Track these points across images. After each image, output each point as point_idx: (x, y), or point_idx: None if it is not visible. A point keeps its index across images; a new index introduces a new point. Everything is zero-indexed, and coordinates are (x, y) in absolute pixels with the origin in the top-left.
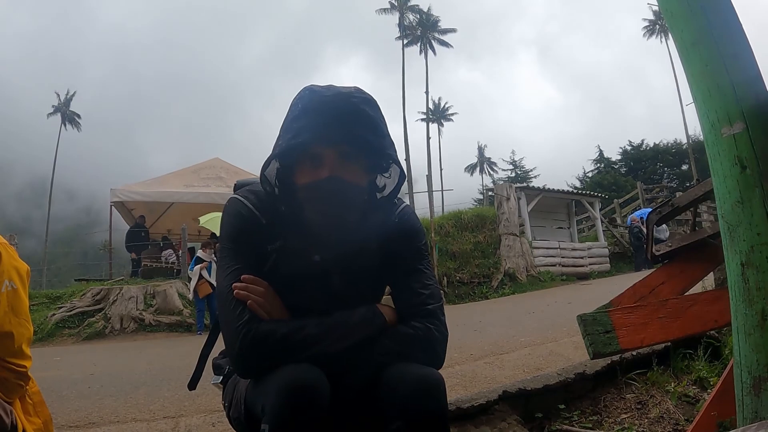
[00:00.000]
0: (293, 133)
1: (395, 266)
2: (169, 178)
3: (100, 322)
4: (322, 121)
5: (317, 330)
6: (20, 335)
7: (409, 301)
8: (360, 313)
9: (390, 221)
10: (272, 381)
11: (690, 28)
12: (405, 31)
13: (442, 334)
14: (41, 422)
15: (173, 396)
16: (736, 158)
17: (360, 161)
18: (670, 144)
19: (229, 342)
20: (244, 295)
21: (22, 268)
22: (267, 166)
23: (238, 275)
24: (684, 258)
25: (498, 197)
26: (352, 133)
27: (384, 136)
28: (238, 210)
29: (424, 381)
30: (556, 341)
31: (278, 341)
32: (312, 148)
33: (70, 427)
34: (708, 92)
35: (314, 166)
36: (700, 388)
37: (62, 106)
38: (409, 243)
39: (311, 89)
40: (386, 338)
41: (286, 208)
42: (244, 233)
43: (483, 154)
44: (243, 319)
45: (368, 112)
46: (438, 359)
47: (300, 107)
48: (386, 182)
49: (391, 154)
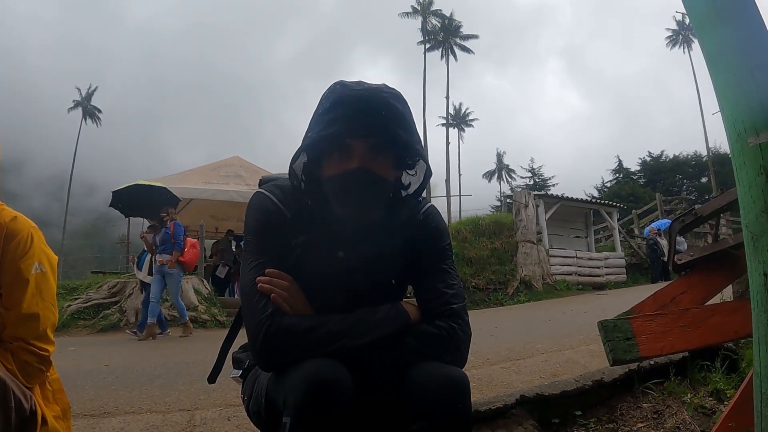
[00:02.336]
0: (324, 125)
1: (419, 265)
2: (188, 174)
3: (115, 314)
4: (353, 113)
5: (340, 326)
6: (46, 318)
7: (434, 301)
8: (383, 311)
9: (415, 220)
10: (295, 375)
11: (718, 37)
12: (427, 35)
13: (466, 334)
14: (60, 409)
15: (188, 389)
16: (762, 168)
17: (388, 155)
18: (690, 156)
19: (252, 335)
20: (268, 288)
21: (52, 255)
22: (296, 159)
23: (262, 269)
24: (705, 268)
25: (516, 204)
26: (382, 126)
27: (412, 132)
28: (264, 204)
29: (450, 381)
30: (572, 349)
31: (301, 336)
32: (342, 140)
33: (85, 415)
34: (735, 102)
35: (343, 157)
36: (717, 400)
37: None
38: (433, 242)
39: (342, 84)
40: (410, 337)
41: (312, 203)
42: (268, 227)
43: (502, 161)
44: (266, 313)
45: (398, 106)
46: (462, 359)
47: (331, 100)
48: (411, 180)
49: (419, 150)
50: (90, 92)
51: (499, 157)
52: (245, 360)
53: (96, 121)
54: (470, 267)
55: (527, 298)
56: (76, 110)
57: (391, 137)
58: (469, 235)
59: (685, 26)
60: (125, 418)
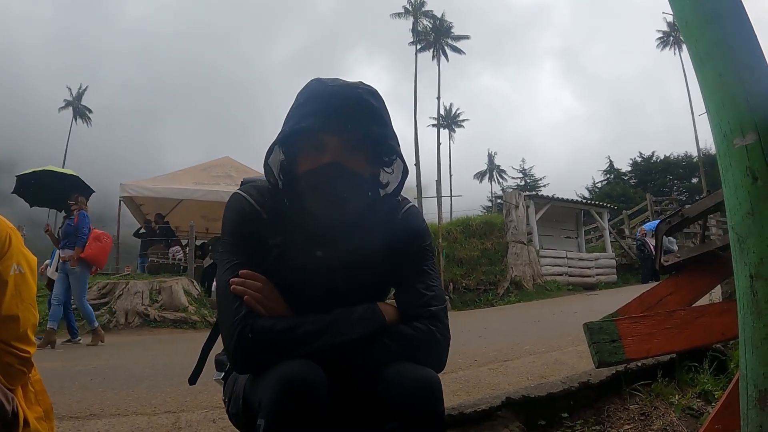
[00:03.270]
0: (297, 119)
1: (399, 266)
2: (179, 175)
3: (105, 315)
4: (327, 108)
5: (314, 327)
6: (26, 320)
7: (412, 302)
8: (359, 312)
9: (394, 219)
10: (269, 376)
11: (704, 37)
12: (418, 36)
13: (445, 337)
14: (42, 411)
15: (175, 391)
16: (748, 169)
17: (362, 150)
18: (681, 157)
19: (226, 337)
20: (241, 290)
21: (30, 257)
22: (270, 155)
23: (236, 270)
24: (692, 269)
25: (507, 205)
26: (355, 121)
27: (386, 127)
28: (239, 205)
29: (421, 382)
30: (560, 350)
31: (274, 338)
32: (315, 135)
33: (70, 417)
34: (721, 102)
35: (317, 152)
36: (705, 402)
37: (74, 101)
38: (413, 243)
39: (318, 80)
40: (387, 338)
41: (289, 201)
42: (244, 228)
43: (493, 161)
44: (239, 315)
45: (372, 102)
46: (439, 362)
47: (306, 95)
48: (389, 179)
49: (394, 147)
50: (80, 92)
51: (490, 158)
52: (227, 362)
53: (86, 121)
54: (461, 267)
55: (517, 298)
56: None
57: (364, 132)
58: (459, 236)
59: (676, 27)
60: (111, 420)
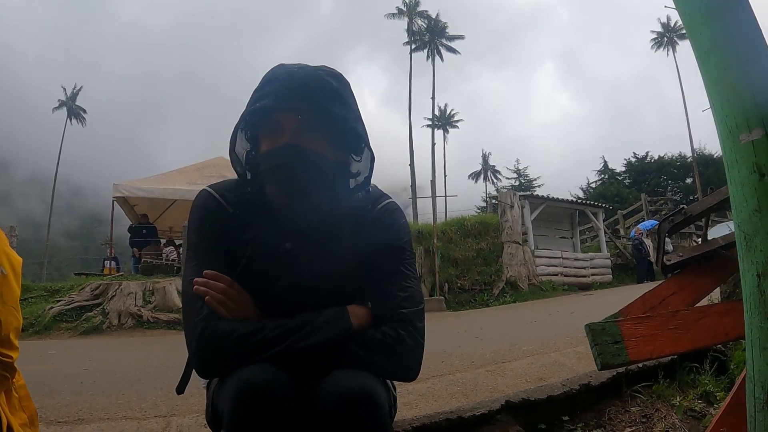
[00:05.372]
0: (254, 100)
1: (372, 264)
2: (172, 175)
3: (98, 317)
4: (284, 87)
5: (277, 332)
6: (8, 323)
7: (383, 304)
8: (325, 315)
9: (369, 213)
10: (229, 383)
11: (709, 31)
12: (413, 36)
13: (416, 342)
14: (27, 417)
15: (166, 395)
16: (755, 165)
17: (323, 132)
18: (675, 157)
19: (187, 339)
20: (203, 291)
21: (15, 258)
22: (234, 143)
23: (200, 270)
24: (695, 269)
25: (501, 205)
26: (312, 99)
27: (348, 109)
28: (205, 202)
29: (351, 394)
30: (558, 351)
31: (235, 342)
32: (272, 114)
33: (58, 422)
34: (726, 97)
35: (274, 134)
36: (706, 403)
37: (68, 101)
38: (388, 240)
39: (281, 64)
40: (353, 343)
41: (256, 192)
42: (209, 226)
43: (487, 161)
44: (200, 316)
45: (332, 82)
46: (408, 370)
47: (266, 78)
48: (359, 168)
49: (358, 130)
50: (75, 92)
51: (484, 158)
52: None
53: (81, 121)
54: (455, 268)
55: (513, 298)
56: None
57: (322, 111)
58: (454, 236)
59: (670, 28)
60: (99, 424)
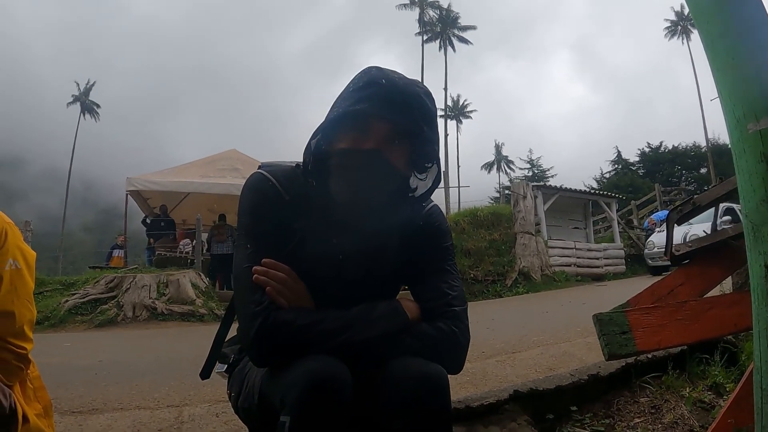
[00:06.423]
0: (353, 101)
1: (418, 263)
2: (185, 168)
3: (112, 309)
4: (386, 95)
5: (337, 324)
6: (21, 315)
7: (435, 300)
8: (382, 308)
9: (417, 215)
10: (294, 372)
11: (716, 19)
12: (425, 27)
13: (466, 339)
14: (41, 407)
15: (179, 385)
16: (762, 155)
17: (406, 148)
18: (689, 147)
19: (244, 328)
20: (264, 281)
21: (28, 252)
22: (316, 136)
23: (257, 257)
24: (704, 259)
25: (514, 195)
26: (411, 116)
27: (435, 131)
28: (261, 184)
29: (429, 377)
30: (569, 341)
31: (296, 332)
32: (367, 118)
33: (73, 412)
34: (734, 86)
35: (361, 135)
36: (716, 394)
37: (81, 96)
38: (436, 241)
39: (378, 68)
40: (409, 336)
41: (314, 182)
42: (263, 210)
43: (500, 152)
44: (261, 306)
45: (428, 103)
46: (458, 365)
47: (366, 80)
48: (419, 184)
49: (436, 153)
50: (88, 87)
51: (497, 149)
52: (230, 355)
53: (94, 116)
54: (468, 258)
55: (526, 289)
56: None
57: (415, 129)
58: (467, 227)
59: (684, 17)
60: (113, 414)
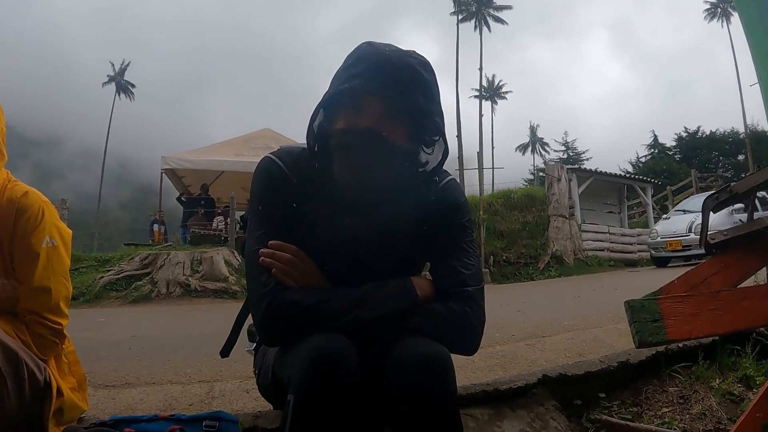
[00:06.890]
0: (343, 80)
1: (434, 241)
2: (219, 147)
3: (146, 286)
4: (374, 70)
5: (344, 303)
6: (57, 292)
7: (448, 280)
8: (391, 286)
9: (431, 191)
10: (298, 350)
11: (757, 4)
12: (460, 6)
13: (480, 320)
14: (76, 381)
15: (211, 361)
16: None
17: (404, 122)
18: (727, 133)
19: (253, 309)
20: (270, 262)
21: (65, 229)
22: (315, 118)
23: (265, 239)
24: (739, 248)
25: (549, 177)
26: (402, 87)
27: (434, 102)
28: (268, 169)
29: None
30: (600, 327)
31: (302, 312)
32: (359, 96)
33: (106, 386)
34: None
35: (355, 114)
36: (746, 387)
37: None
38: (451, 217)
39: (369, 43)
40: (419, 316)
41: (320, 165)
42: (272, 194)
43: (535, 134)
44: (268, 287)
45: (423, 73)
46: (471, 347)
47: (355, 57)
48: (429, 159)
49: (438, 124)
50: (123, 67)
51: (532, 130)
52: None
53: (129, 95)
54: (501, 240)
55: (558, 273)
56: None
57: (410, 102)
58: (500, 208)
59: None
60: (145, 389)
